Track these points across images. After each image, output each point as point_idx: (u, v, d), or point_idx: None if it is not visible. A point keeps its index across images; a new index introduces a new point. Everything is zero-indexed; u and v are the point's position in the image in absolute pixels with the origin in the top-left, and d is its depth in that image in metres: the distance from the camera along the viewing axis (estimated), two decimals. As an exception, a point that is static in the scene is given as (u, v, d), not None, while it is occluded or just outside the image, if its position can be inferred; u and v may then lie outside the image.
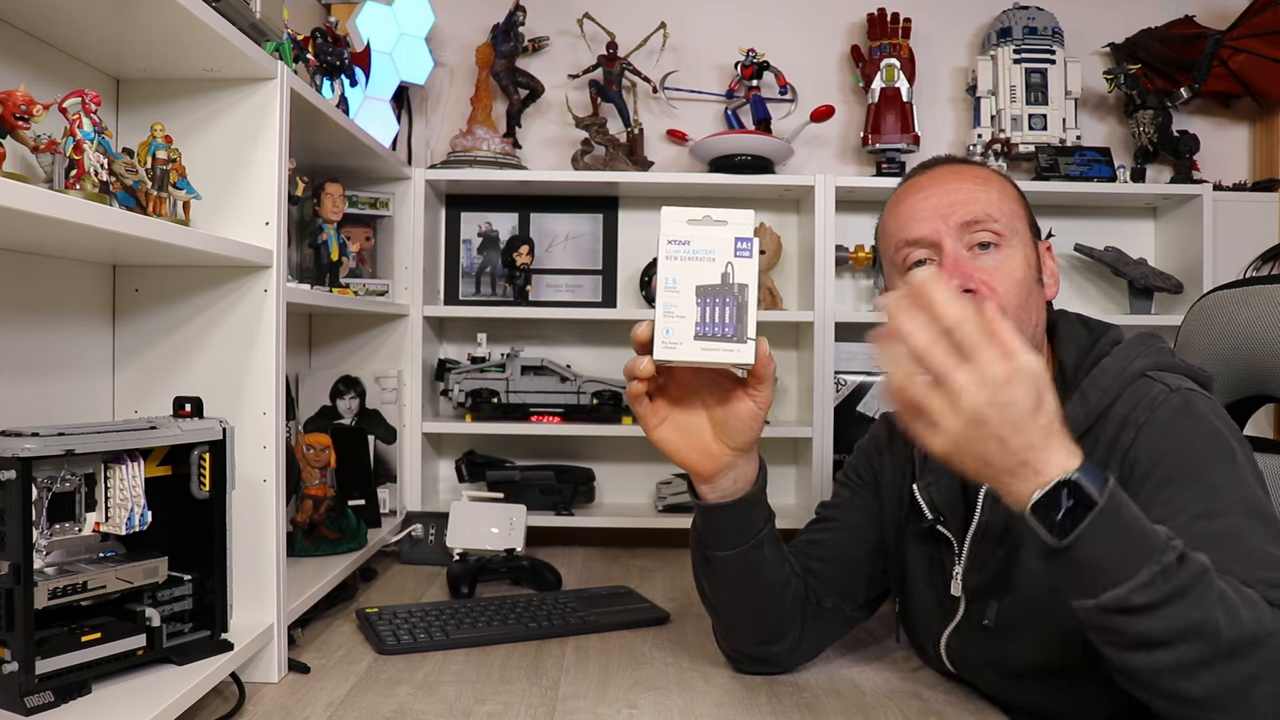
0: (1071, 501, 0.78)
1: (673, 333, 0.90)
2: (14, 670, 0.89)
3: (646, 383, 0.97)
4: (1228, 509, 0.90)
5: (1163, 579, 0.78)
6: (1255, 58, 2.15)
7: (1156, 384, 1.01)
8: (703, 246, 0.92)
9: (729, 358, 0.91)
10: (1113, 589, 0.78)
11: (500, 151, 2.13)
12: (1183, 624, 0.78)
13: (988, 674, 1.12)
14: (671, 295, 0.91)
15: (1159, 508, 0.91)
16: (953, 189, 1.09)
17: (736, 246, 0.91)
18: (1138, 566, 0.78)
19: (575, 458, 2.21)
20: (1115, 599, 0.78)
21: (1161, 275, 2.16)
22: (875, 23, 2.25)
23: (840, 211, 2.08)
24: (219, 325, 1.23)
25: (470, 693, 1.16)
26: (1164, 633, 0.79)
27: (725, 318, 0.90)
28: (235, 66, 1.19)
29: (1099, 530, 0.78)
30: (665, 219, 0.93)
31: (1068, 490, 0.78)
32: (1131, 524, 0.79)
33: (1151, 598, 0.78)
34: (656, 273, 0.92)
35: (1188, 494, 0.92)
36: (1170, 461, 0.95)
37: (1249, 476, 0.95)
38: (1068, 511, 0.78)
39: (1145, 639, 0.80)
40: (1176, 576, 0.78)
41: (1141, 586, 0.78)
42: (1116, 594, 0.78)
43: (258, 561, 1.21)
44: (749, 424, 1.01)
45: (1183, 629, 0.78)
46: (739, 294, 0.91)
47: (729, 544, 1.09)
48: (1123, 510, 0.79)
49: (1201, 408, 0.99)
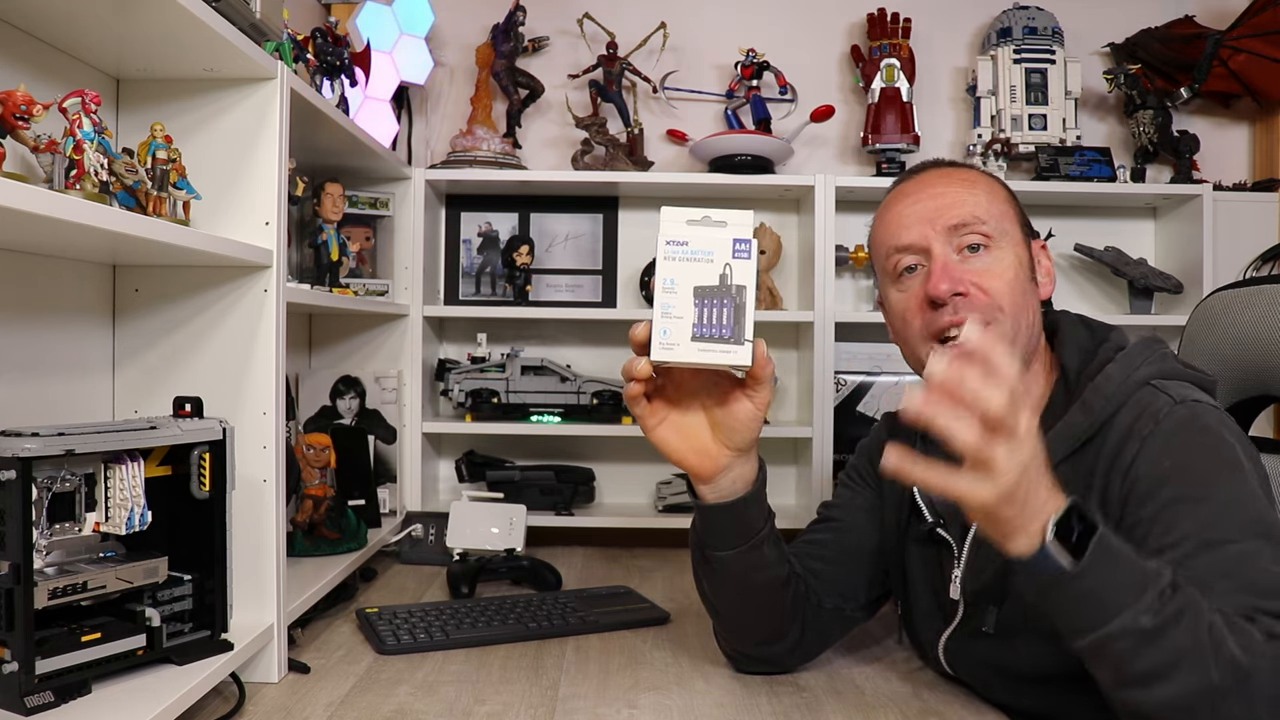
0: (1081, 526, 0.80)
1: (670, 334, 0.90)
2: (14, 670, 0.89)
3: (644, 384, 0.97)
4: (1234, 533, 0.88)
5: (1161, 601, 0.79)
6: (1255, 58, 2.15)
7: (1161, 395, 0.99)
8: (701, 247, 0.91)
9: (726, 359, 0.90)
10: (1118, 615, 0.79)
11: (500, 151, 2.13)
12: (1181, 653, 0.79)
13: (987, 677, 1.12)
14: (669, 296, 0.91)
15: (1162, 532, 0.91)
16: (939, 193, 1.09)
17: (735, 248, 0.91)
18: (1142, 590, 0.80)
19: (575, 458, 2.21)
20: (1124, 624, 0.79)
21: (1161, 275, 2.16)
22: (875, 23, 2.25)
23: (840, 211, 2.08)
24: (219, 325, 1.23)
25: (470, 693, 1.16)
26: (1164, 663, 0.80)
27: (723, 319, 0.90)
28: (235, 66, 1.19)
29: (1103, 553, 0.80)
30: (664, 219, 0.93)
31: (1075, 514, 0.80)
32: (1123, 548, 0.82)
33: (1155, 621, 0.79)
34: (655, 273, 0.92)
35: (1192, 519, 0.90)
36: (1175, 481, 0.93)
37: (1256, 489, 0.93)
38: (1080, 535, 0.80)
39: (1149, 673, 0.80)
40: (1175, 600, 0.80)
41: (1146, 610, 0.79)
42: (1123, 619, 0.79)
43: (258, 561, 1.21)
44: (748, 424, 1.01)
45: (1180, 658, 0.79)
46: (737, 295, 0.90)
47: (728, 544, 1.09)
48: (1115, 539, 0.82)
49: (1206, 420, 0.97)
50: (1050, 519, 0.80)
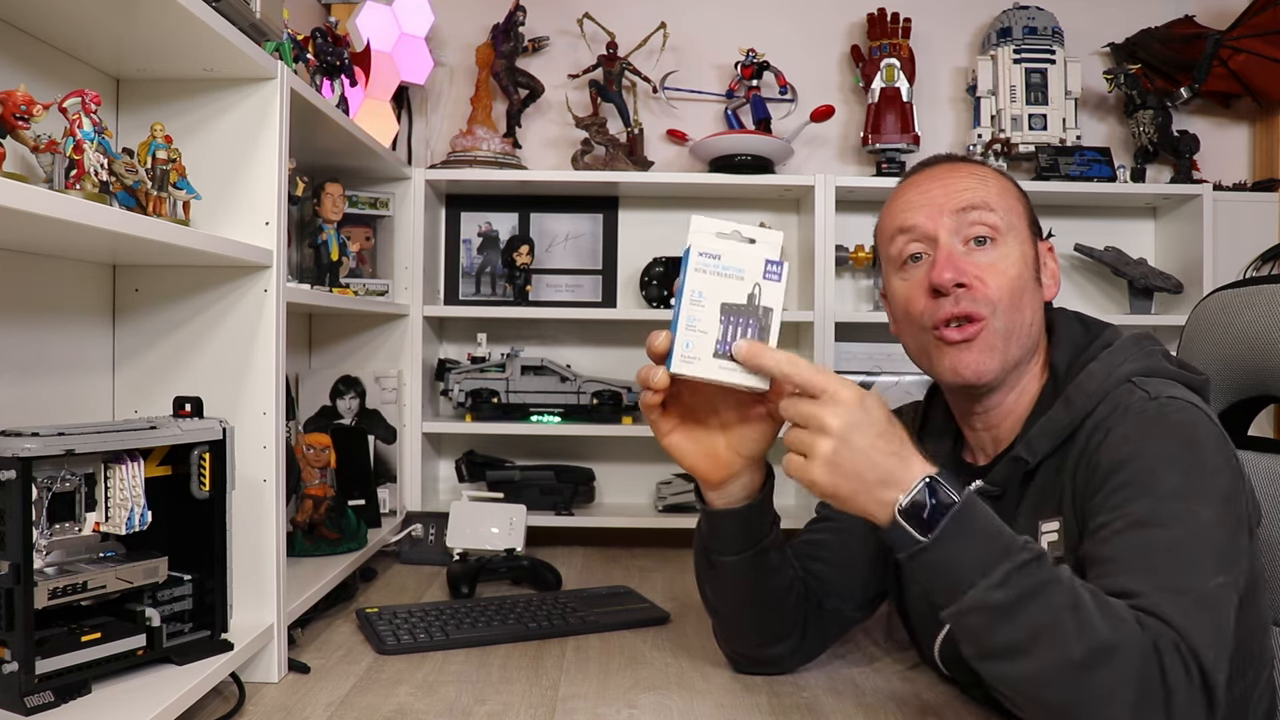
0: (934, 501, 0.84)
1: (693, 346, 0.90)
2: (14, 670, 0.89)
3: (661, 393, 0.97)
4: (1169, 522, 0.87)
5: (1017, 576, 0.82)
6: (1255, 58, 2.15)
7: (1138, 391, 0.98)
8: (733, 264, 0.91)
9: (745, 381, 0.91)
10: (970, 589, 0.83)
11: (500, 151, 2.13)
12: (1036, 627, 0.81)
13: (981, 679, 1.11)
14: (696, 309, 0.90)
15: (1105, 512, 0.91)
16: (950, 181, 1.08)
17: (766, 269, 0.92)
18: (994, 565, 0.83)
19: (575, 458, 2.21)
20: (974, 599, 0.83)
21: (1161, 275, 2.16)
22: (875, 23, 2.25)
23: (840, 211, 2.08)
24: (219, 325, 1.23)
25: (470, 693, 1.16)
26: (1021, 639, 0.82)
27: (747, 340, 0.90)
28: (235, 66, 1.19)
29: (957, 528, 0.83)
30: (694, 229, 0.93)
31: (929, 490, 0.85)
32: (988, 525, 0.85)
33: (1007, 596, 0.82)
34: (683, 281, 0.91)
35: (1134, 504, 0.90)
36: (1127, 470, 0.92)
37: (1210, 493, 0.90)
38: (931, 511, 0.84)
39: (1006, 647, 0.83)
40: (1031, 576, 0.82)
41: (996, 585, 0.82)
42: (974, 594, 0.83)
43: (258, 561, 1.21)
44: (762, 436, 1.01)
45: (1035, 633, 0.81)
46: (763, 318, 0.91)
47: (734, 549, 1.09)
48: (978, 512, 0.86)
49: (1175, 416, 0.95)
50: (903, 493, 0.85)
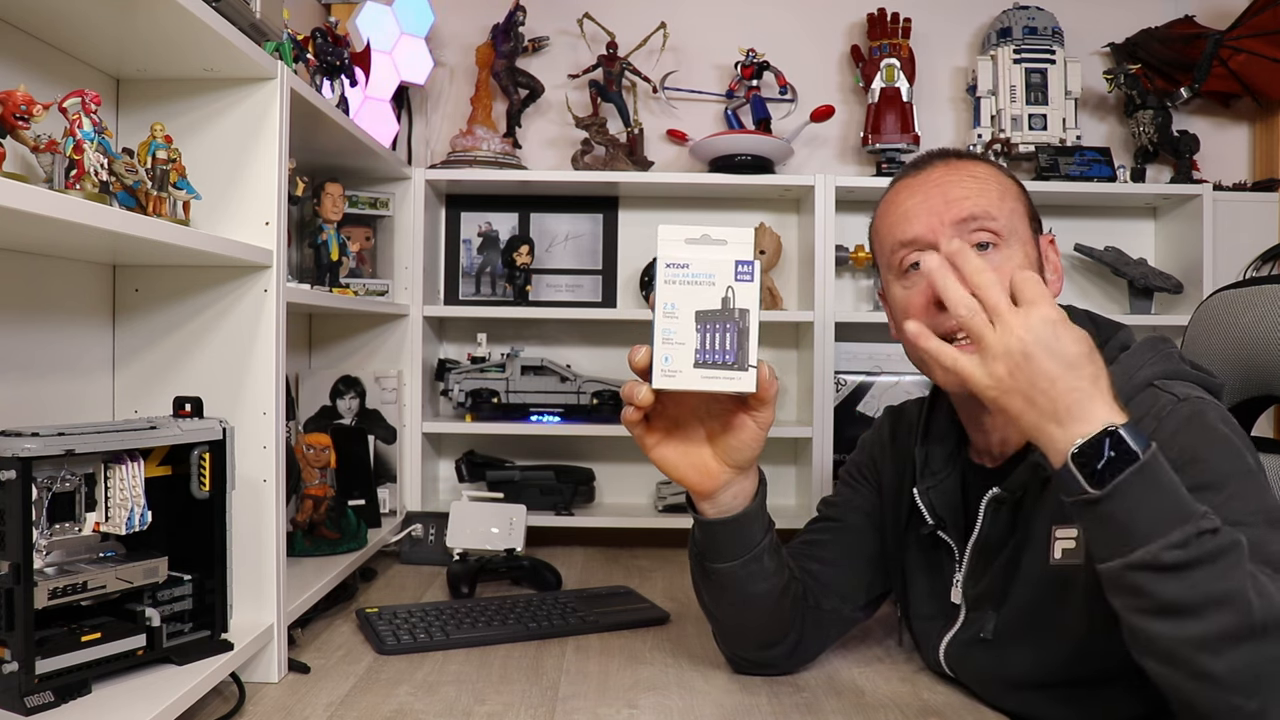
0: (1114, 453, 0.78)
1: (672, 360, 0.89)
2: (14, 670, 0.89)
3: (642, 409, 0.97)
4: (1247, 519, 0.86)
5: (1196, 542, 0.77)
6: (1255, 58, 2.15)
7: (1163, 394, 0.97)
8: (702, 270, 0.90)
9: (730, 386, 0.89)
10: (1144, 546, 0.78)
11: (500, 151, 2.13)
12: (1213, 593, 0.77)
13: (987, 681, 1.11)
14: (670, 321, 0.89)
15: None
16: (949, 187, 1.05)
17: (737, 270, 0.90)
18: (1172, 526, 0.78)
19: (575, 458, 2.21)
20: (1145, 556, 0.78)
21: (1161, 275, 2.16)
22: (875, 23, 2.25)
23: (840, 211, 2.08)
24: (219, 325, 1.23)
25: (470, 693, 1.16)
26: (1192, 599, 0.77)
27: (726, 344, 0.89)
28: (235, 66, 1.19)
29: (1137, 485, 0.78)
30: (662, 239, 0.91)
31: (1110, 441, 0.78)
32: (1170, 487, 0.79)
33: (1182, 558, 0.77)
34: (655, 296, 0.90)
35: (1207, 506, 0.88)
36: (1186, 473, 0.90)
37: (1264, 483, 0.92)
38: (1109, 463, 0.78)
39: (1172, 605, 0.78)
40: (1211, 542, 0.78)
41: (1173, 546, 0.77)
42: (1149, 550, 0.77)
43: (258, 561, 1.21)
44: (750, 444, 1.01)
45: (1212, 598, 0.77)
46: (740, 319, 0.89)
47: (728, 557, 1.09)
48: (1162, 472, 0.79)
49: (1211, 417, 0.94)
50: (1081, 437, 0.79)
